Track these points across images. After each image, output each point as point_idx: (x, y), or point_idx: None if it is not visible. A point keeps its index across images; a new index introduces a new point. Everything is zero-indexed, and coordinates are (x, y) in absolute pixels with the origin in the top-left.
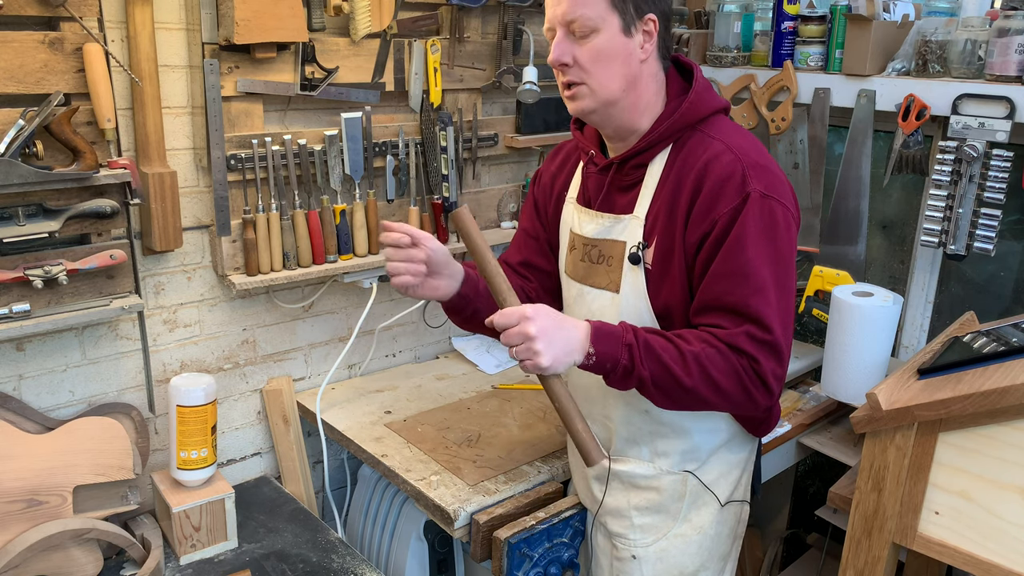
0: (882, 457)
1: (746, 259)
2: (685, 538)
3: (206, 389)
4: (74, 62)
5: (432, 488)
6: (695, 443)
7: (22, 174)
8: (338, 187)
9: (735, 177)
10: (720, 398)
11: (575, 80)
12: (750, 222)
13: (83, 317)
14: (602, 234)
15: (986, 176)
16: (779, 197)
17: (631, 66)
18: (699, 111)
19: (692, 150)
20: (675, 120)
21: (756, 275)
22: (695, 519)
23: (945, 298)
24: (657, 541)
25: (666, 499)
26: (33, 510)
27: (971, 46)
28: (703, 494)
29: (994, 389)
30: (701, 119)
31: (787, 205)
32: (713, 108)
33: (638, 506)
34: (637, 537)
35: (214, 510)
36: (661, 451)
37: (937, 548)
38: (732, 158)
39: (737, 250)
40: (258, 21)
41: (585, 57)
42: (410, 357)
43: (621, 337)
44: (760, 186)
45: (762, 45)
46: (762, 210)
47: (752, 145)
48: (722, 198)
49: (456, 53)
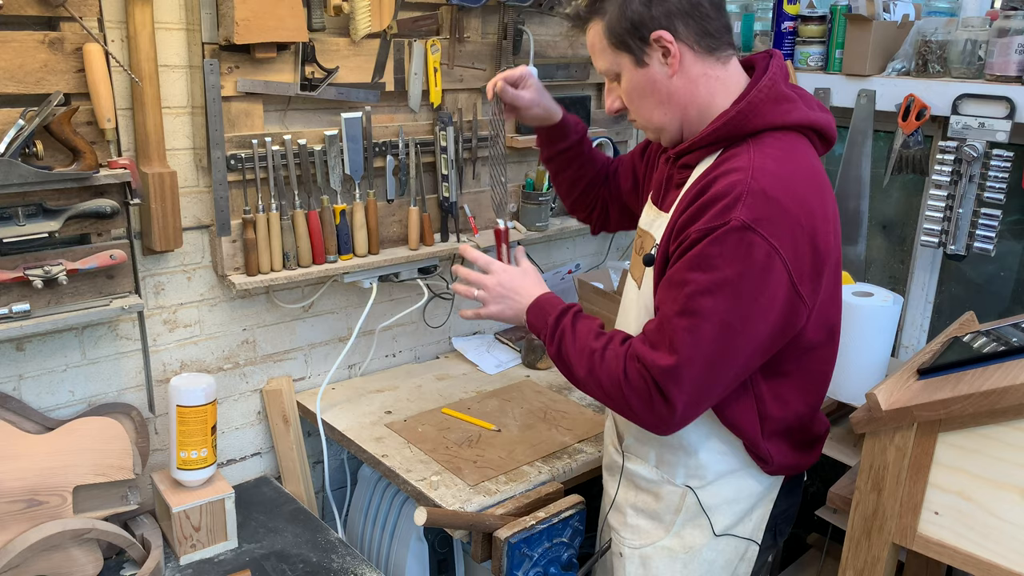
0: (882, 457)
1: (690, 279)
2: (671, 552)
3: (206, 389)
4: (74, 62)
5: (432, 488)
6: (700, 461)
7: (22, 174)
8: (338, 187)
9: (726, 199)
10: (603, 396)
11: (633, 118)
12: (715, 249)
13: (83, 317)
14: (646, 226)
15: (986, 176)
16: (768, 234)
17: (661, 91)
18: (751, 122)
19: (725, 160)
20: (719, 128)
21: (693, 301)
22: (687, 538)
23: (945, 298)
24: (644, 546)
25: (662, 508)
26: (33, 510)
27: (971, 46)
28: (699, 516)
29: (994, 389)
30: (755, 131)
31: (776, 245)
32: (773, 122)
33: (635, 506)
34: (627, 536)
35: (214, 510)
36: (666, 460)
37: (936, 548)
38: (740, 179)
39: (691, 266)
40: (258, 21)
41: (626, 99)
42: (410, 357)
43: (548, 315)
44: (747, 215)
45: (762, 45)
46: (738, 242)
47: (784, 174)
48: (705, 214)
49: (456, 53)
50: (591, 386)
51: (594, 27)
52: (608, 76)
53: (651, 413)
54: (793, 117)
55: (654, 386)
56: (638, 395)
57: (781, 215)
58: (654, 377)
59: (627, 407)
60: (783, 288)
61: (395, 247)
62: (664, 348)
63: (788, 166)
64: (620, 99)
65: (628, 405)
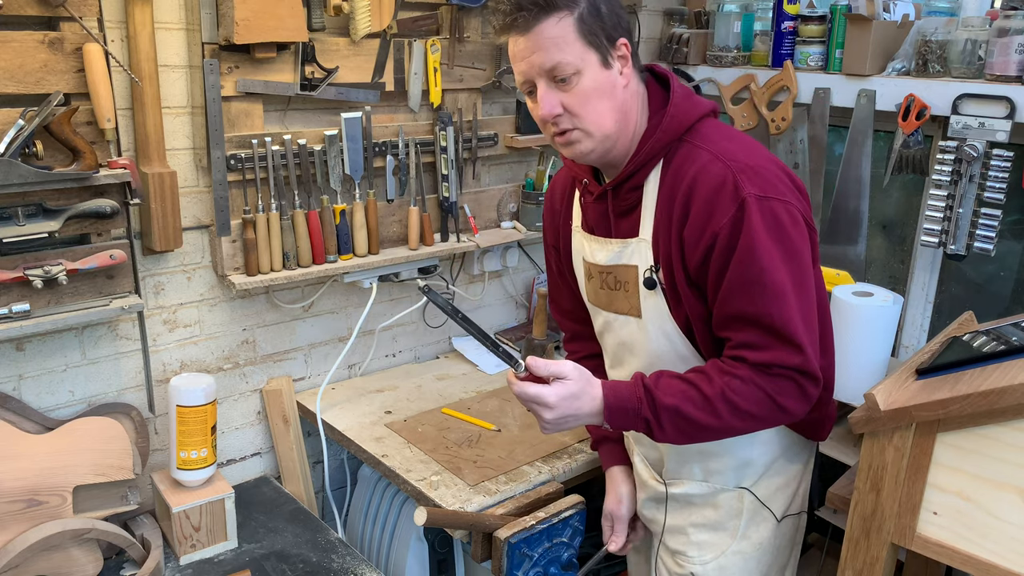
0: (880, 457)
1: (761, 268)
2: (744, 555)
3: (206, 389)
4: (74, 62)
5: (432, 488)
6: (746, 458)
7: (22, 174)
8: (338, 187)
9: (727, 185)
10: (755, 423)
11: (567, 127)
12: (756, 227)
13: (83, 317)
14: (614, 260)
15: (986, 176)
16: (777, 195)
17: (617, 96)
18: (682, 122)
19: (681, 163)
20: (659, 137)
21: (773, 282)
22: (753, 536)
23: (945, 298)
24: (716, 559)
25: (723, 516)
26: (33, 510)
27: (971, 46)
28: (760, 511)
29: (993, 389)
30: (686, 129)
31: (788, 200)
32: (696, 115)
33: (695, 523)
34: (695, 554)
35: (214, 510)
36: (713, 469)
37: (935, 548)
38: (721, 166)
39: (749, 259)
40: (258, 21)
41: (574, 102)
42: (410, 357)
43: (637, 411)
44: (755, 189)
45: (762, 45)
46: (763, 212)
47: (741, 147)
48: (717, 209)
49: (456, 53)
50: (737, 426)
51: (561, 17)
52: (557, 74)
53: (805, 400)
54: (703, 107)
55: (800, 376)
56: (791, 396)
57: (771, 177)
58: (791, 374)
59: (783, 415)
60: (802, 226)
61: (395, 247)
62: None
63: (737, 141)
64: (562, 106)
65: (784, 411)
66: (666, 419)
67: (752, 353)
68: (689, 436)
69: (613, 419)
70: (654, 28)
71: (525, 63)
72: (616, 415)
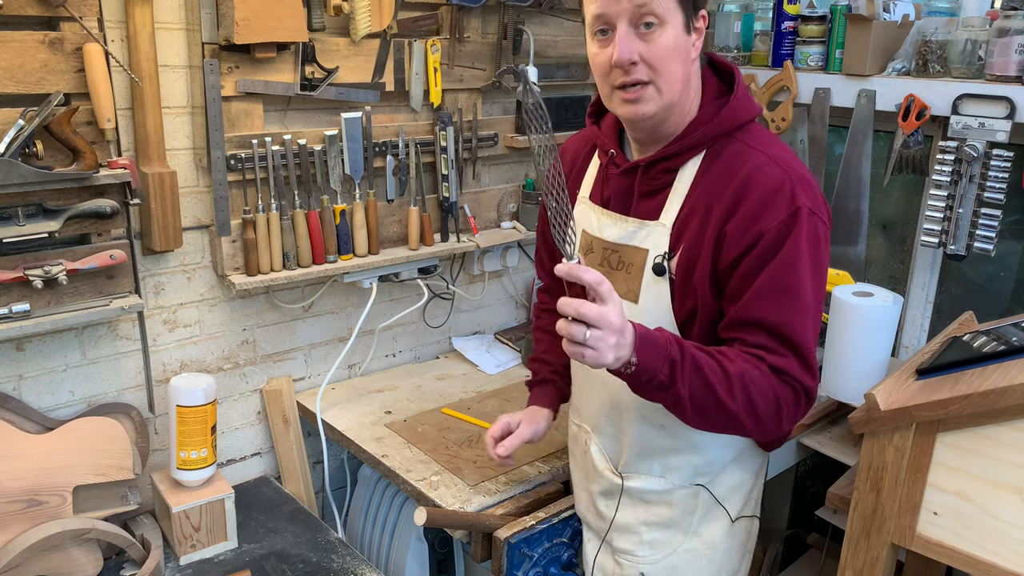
0: (880, 457)
1: (797, 278)
2: (695, 553)
3: (206, 389)
4: (74, 62)
5: (432, 488)
6: (709, 457)
7: (22, 174)
8: (338, 187)
9: (784, 191)
10: (755, 423)
11: (642, 79)
12: (803, 240)
13: (83, 317)
14: (625, 239)
15: (986, 176)
16: (822, 215)
17: (687, 65)
18: (739, 118)
19: (731, 159)
20: (714, 125)
21: (804, 296)
22: (705, 534)
23: (945, 298)
24: (667, 557)
25: (677, 514)
26: (33, 510)
27: (971, 46)
28: (714, 508)
29: (993, 389)
30: (739, 126)
31: (826, 223)
32: (751, 115)
33: (647, 521)
34: (646, 553)
35: (214, 510)
36: (673, 466)
37: (936, 548)
38: (779, 171)
39: (789, 268)
40: (258, 21)
41: (654, 54)
42: (410, 357)
43: (665, 350)
44: (808, 202)
45: (762, 45)
46: (810, 226)
47: (793, 156)
48: (769, 211)
49: (456, 53)
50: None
51: None
52: (646, 14)
53: (797, 416)
54: (758, 108)
55: (803, 391)
56: (790, 406)
57: (819, 194)
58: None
59: (776, 423)
60: (829, 249)
61: (395, 247)
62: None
63: (788, 150)
64: (639, 54)
65: (779, 419)
66: (689, 370)
67: (769, 356)
68: (698, 405)
69: (644, 349)
70: None
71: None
72: (647, 346)
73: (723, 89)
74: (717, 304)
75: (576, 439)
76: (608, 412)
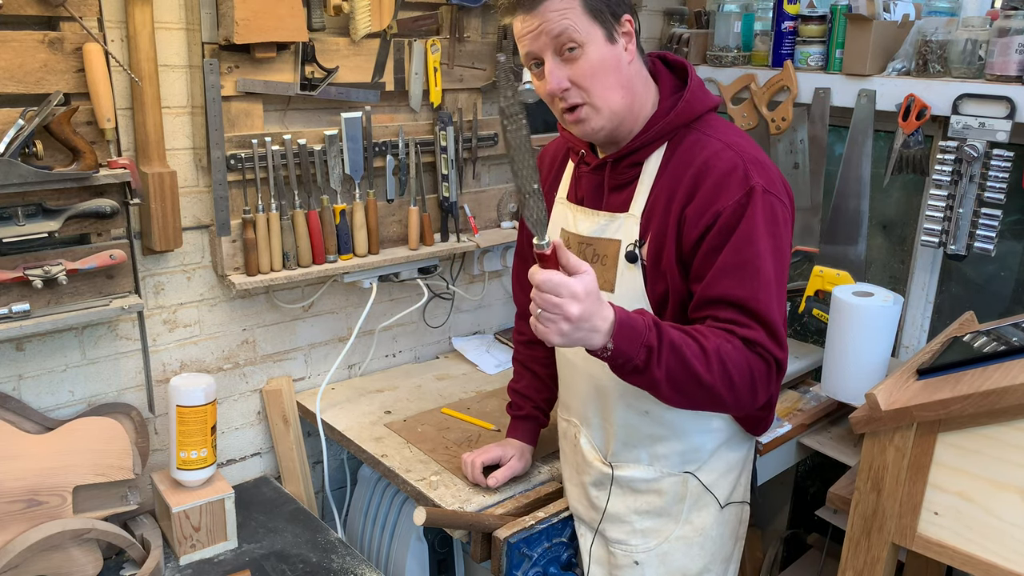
0: (881, 457)
1: (755, 252)
2: (687, 540)
3: (206, 389)
4: (74, 62)
5: (432, 488)
6: (695, 444)
7: (22, 174)
8: (338, 187)
9: (737, 171)
10: (732, 396)
11: (577, 102)
12: (758, 216)
13: (83, 317)
14: (597, 232)
15: (986, 176)
16: (778, 194)
17: (623, 72)
18: (695, 109)
19: (689, 148)
20: (671, 119)
21: (764, 271)
22: (696, 521)
23: (945, 298)
24: (659, 544)
25: (667, 501)
26: (33, 510)
27: (971, 46)
28: (703, 495)
29: (993, 389)
30: (696, 117)
31: (785, 203)
32: (708, 106)
33: (638, 510)
34: (639, 542)
35: (214, 510)
36: (660, 454)
37: (936, 548)
38: (732, 155)
39: (746, 244)
40: (258, 21)
41: (581, 75)
42: (410, 357)
43: (643, 336)
44: (762, 181)
45: (762, 45)
46: (765, 204)
47: (748, 142)
48: (724, 192)
49: (456, 53)
50: (720, 389)
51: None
52: (564, 41)
53: (770, 387)
54: (713, 100)
55: (774, 362)
56: (763, 377)
57: (774, 175)
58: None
59: (751, 394)
60: (789, 229)
61: (395, 247)
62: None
63: (744, 136)
64: (569, 80)
65: (754, 391)
66: (667, 354)
67: (740, 329)
68: (678, 384)
69: (621, 335)
70: (654, 28)
71: (530, 38)
72: (625, 333)
73: (679, 85)
74: (686, 285)
75: (566, 435)
76: (594, 402)
